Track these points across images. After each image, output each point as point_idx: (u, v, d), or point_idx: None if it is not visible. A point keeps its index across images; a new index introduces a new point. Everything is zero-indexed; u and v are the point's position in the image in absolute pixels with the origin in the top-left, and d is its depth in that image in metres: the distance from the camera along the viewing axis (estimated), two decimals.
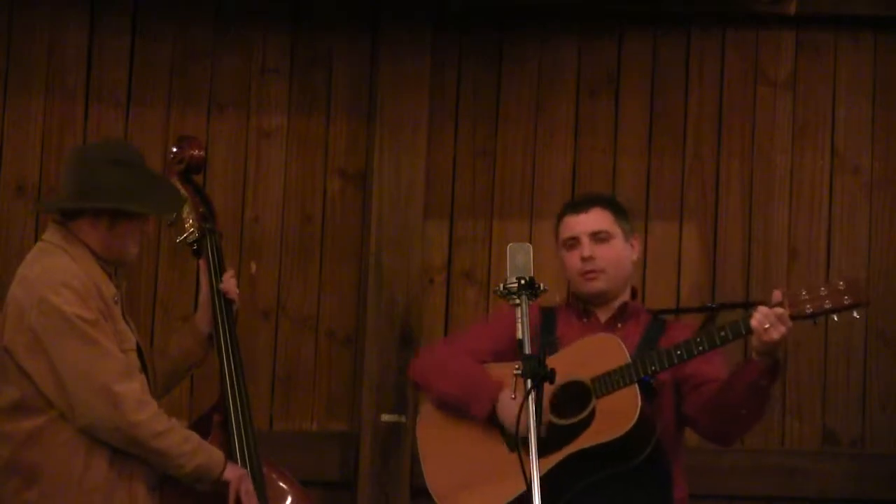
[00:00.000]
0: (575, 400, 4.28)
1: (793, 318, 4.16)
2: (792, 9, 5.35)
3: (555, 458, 4.23)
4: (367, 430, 5.22)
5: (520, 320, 3.74)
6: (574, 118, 5.45)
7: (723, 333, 4.21)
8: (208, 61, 5.34)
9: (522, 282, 3.77)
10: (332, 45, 5.38)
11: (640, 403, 4.19)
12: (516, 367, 3.69)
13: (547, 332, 4.48)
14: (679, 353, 4.22)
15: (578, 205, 4.55)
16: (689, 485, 5.11)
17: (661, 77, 5.47)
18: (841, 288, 4.16)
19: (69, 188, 4.15)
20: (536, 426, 3.59)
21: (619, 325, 4.46)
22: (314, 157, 5.38)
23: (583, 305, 4.51)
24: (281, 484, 4.44)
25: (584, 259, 4.42)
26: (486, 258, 5.40)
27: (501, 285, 3.82)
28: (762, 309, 4.14)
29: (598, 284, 4.44)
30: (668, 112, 5.47)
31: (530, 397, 3.61)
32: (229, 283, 4.47)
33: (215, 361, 4.43)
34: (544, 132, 5.44)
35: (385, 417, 5.18)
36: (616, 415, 4.16)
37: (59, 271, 4.06)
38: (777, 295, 4.21)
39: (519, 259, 3.82)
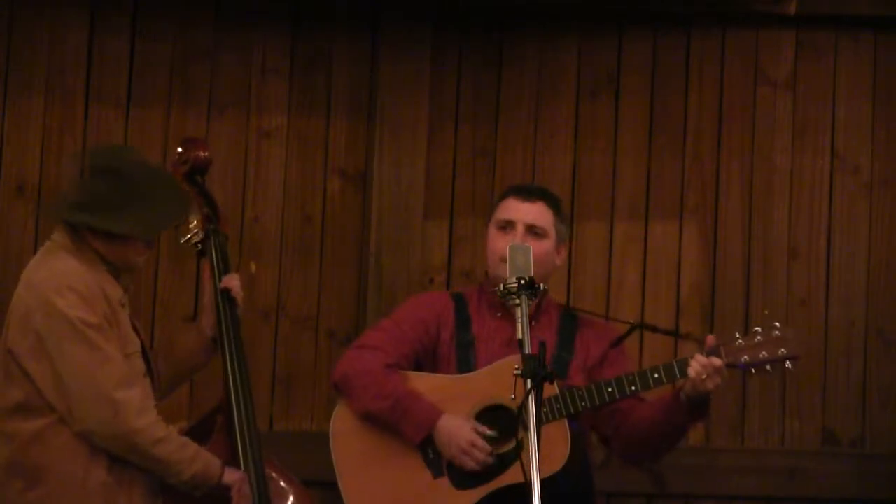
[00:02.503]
0: (499, 425, 4.25)
1: (728, 367, 4.16)
2: (792, 9, 5.34)
3: (483, 490, 4.23)
4: None
5: (519, 320, 3.73)
6: (574, 118, 5.45)
7: (656, 376, 4.22)
8: (208, 61, 5.34)
9: (522, 282, 3.76)
10: (332, 45, 5.38)
11: (570, 443, 4.18)
12: (516, 367, 3.67)
13: (462, 328, 4.44)
14: (610, 390, 4.21)
15: (527, 192, 4.48)
16: (689, 485, 5.13)
17: (661, 77, 5.47)
18: (776, 336, 4.16)
19: (74, 195, 4.13)
20: (537, 427, 3.58)
21: (534, 323, 4.40)
22: (314, 157, 5.38)
23: (498, 297, 4.26)
24: (283, 484, 4.44)
25: None
26: (486, 258, 5.39)
27: (501, 285, 3.82)
28: (700, 359, 4.15)
29: None
30: (668, 112, 5.46)
31: (531, 397, 3.60)
32: (232, 281, 4.46)
33: (217, 362, 4.43)
34: (544, 132, 5.44)
35: None
36: (545, 452, 4.11)
37: (64, 274, 4.05)
38: (710, 340, 4.21)
39: (519, 259, 3.81)
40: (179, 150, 4.59)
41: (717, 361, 4.13)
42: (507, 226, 4.41)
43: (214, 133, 5.31)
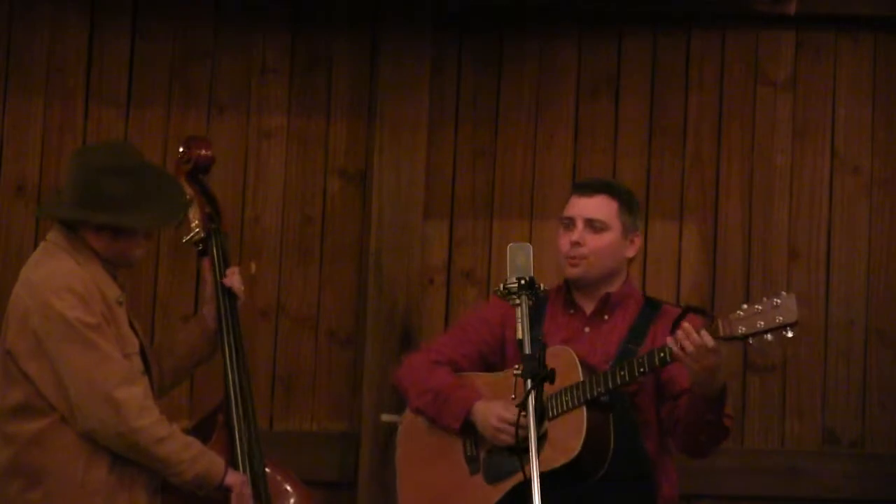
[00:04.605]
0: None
1: (727, 339, 4.08)
2: (792, 9, 5.35)
3: (509, 484, 4.25)
4: (367, 430, 5.22)
5: (520, 320, 3.73)
6: (574, 118, 5.45)
7: (662, 354, 4.13)
8: (208, 61, 5.34)
9: (522, 282, 3.76)
10: (332, 45, 5.38)
11: (584, 430, 4.16)
12: (516, 367, 3.68)
13: (532, 326, 4.44)
14: (623, 373, 4.16)
15: (587, 187, 4.46)
16: (689, 485, 5.10)
17: (660, 77, 5.47)
18: (775, 304, 4.04)
19: (71, 195, 4.12)
20: (536, 427, 3.58)
21: (607, 317, 4.41)
22: (314, 157, 5.38)
23: (568, 295, 4.44)
24: (284, 484, 4.44)
25: (572, 243, 4.38)
26: (486, 258, 5.40)
27: (501, 285, 3.82)
28: (679, 334, 4.06)
29: (577, 272, 4.38)
30: (667, 112, 5.46)
31: (530, 397, 3.61)
32: (233, 278, 4.46)
33: (218, 360, 4.43)
34: (544, 132, 5.44)
35: (385, 417, 5.17)
36: (562, 441, 4.12)
37: (62, 275, 4.04)
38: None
39: (519, 259, 3.81)
40: (182, 149, 4.59)
41: (696, 338, 4.03)
42: (569, 223, 4.41)
43: (214, 133, 5.31)
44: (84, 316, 4.00)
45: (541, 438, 4.10)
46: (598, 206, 4.41)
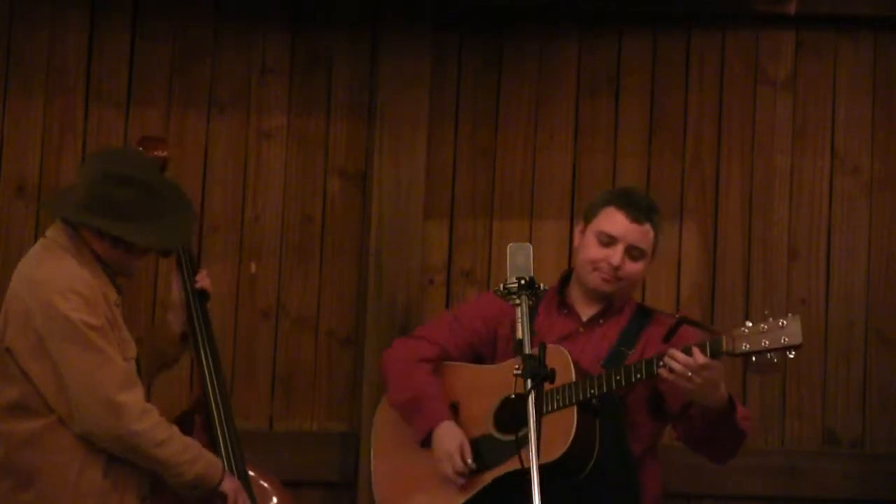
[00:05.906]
0: (518, 414, 4.26)
1: (730, 354, 4.10)
2: (792, 9, 5.35)
3: (489, 476, 4.29)
4: (367, 430, 5.21)
5: (520, 320, 3.73)
6: (574, 118, 5.45)
7: (661, 363, 4.16)
8: (208, 61, 5.34)
9: (522, 282, 3.77)
10: (332, 45, 5.38)
11: (573, 431, 4.18)
12: (516, 367, 3.68)
13: None
14: (618, 378, 4.18)
15: (636, 210, 4.42)
16: (690, 485, 5.12)
17: (661, 77, 5.47)
18: (782, 325, 4.06)
19: (80, 196, 4.12)
20: (536, 426, 3.58)
21: (602, 322, 4.44)
22: (314, 157, 5.38)
23: (561, 296, 4.47)
24: (264, 484, 4.45)
25: (611, 265, 4.37)
26: (486, 258, 5.40)
27: (501, 285, 3.82)
28: (665, 358, 4.10)
29: (606, 287, 4.41)
30: (668, 112, 5.47)
31: (531, 397, 3.61)
32: (204, 281, 4.47)
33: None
34: (544, 132, 5.44)
35: None
36: (549, 439, 4.05)
37: (66, 275, 4.04)
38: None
39: (519, 259, 3.82)
40: (139, 149, 4.57)
41: (683, 358, 4.07)
42: (609, 241, 4.39)
43: (214, 133, 5.32)
44: (88, 318, 4.00)
45: (526, 435, 4.12)
46: (644, 236, 4.42)
